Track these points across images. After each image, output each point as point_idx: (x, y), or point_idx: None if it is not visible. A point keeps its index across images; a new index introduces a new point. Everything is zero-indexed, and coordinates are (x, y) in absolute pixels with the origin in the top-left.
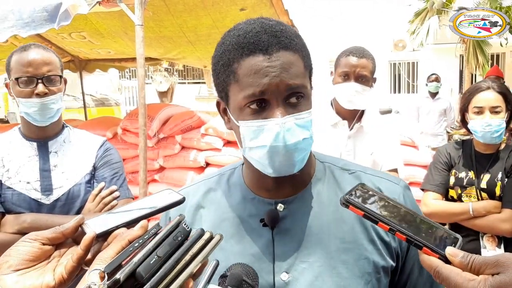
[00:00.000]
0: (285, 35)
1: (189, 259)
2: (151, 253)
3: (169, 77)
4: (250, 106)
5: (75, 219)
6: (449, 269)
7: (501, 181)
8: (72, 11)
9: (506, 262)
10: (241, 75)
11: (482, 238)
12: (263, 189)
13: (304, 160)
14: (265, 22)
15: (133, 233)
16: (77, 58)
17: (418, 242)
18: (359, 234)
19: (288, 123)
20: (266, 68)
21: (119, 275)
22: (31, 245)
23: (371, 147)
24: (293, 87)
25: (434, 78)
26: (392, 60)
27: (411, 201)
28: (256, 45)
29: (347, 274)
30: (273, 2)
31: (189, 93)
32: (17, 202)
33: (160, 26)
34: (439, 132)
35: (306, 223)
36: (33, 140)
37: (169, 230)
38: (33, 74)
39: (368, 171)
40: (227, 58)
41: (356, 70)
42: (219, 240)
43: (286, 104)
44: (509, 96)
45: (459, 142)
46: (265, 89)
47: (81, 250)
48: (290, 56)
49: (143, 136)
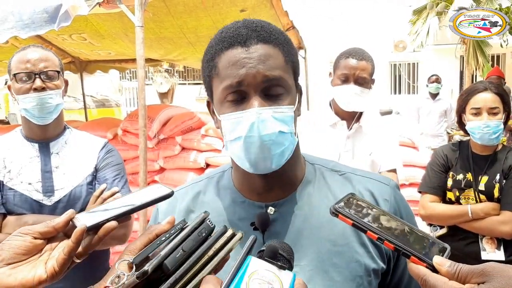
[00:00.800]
0: (265, 30)
1: (212, 254)
2: (177, 247)
3: (169, 78)
4: (229, 98)
5: (65, 213)
6: (436, 278)
7: (499, 182)
8: (72, 12)
9: (492, 271)
10: (221, 68)
11: (482, 241)
12: (252, 192)
13: (283, 156)
14: (248, 20)
15: (160, 227)
16: (78, 59)
17: (406, 251)
18: (351, 237)
19: (264, 114)
20: (243, 60)
21: (147, 266)
22: (22, 239)
23: (370, 147)
24: (270, 78)
25: (435, 79)
26: (393, 61)
27: (402, 201)
28: (235, 38)
29: (338, 277)
30: (273, 3)
31: (190, 94)
32: (18, 203)
33: (160, 27)
34: (439, 133)
35: (297, 226)
36: (35, 141)
37: (194, 226)
38: (30, 70)
39: (357, 172)
40: (210, 54)
41: (355, 72)
42: (241, 237)
43: (264, 96)
44: (506, 97)
45: (455, 144)
46: (242, 79)
47: (72, 243)
48: (269, 49)
49: (143, 137)
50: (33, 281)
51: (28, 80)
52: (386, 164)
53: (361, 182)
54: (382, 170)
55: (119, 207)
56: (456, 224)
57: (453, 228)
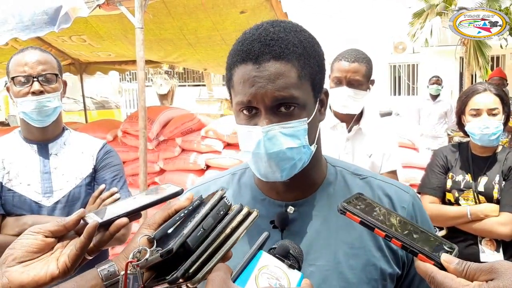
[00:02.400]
0: (280, 44)
1: (229, 232)
2: (198, 226)
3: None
4: (243, 111)
5: (76, 212)
6: (444, 275)
7: (498, 184)
8: (72, 14)
9: (500, 268)
10: (235, 82)
11: (481, 242)
12: (272, 191)
13: (294, 168)
14: (266, 28)
15: (179, 203)
16: (78, 61)
17: (414, 248)
18: (368, 241)
19: (272, 131)
20: (254, 78)
21: (172, 245)
22: (34, 237)
23: (370, 149)
24: (279, 99)
25: (435, 81)
26: (392, 62)
27: (420, 209)
28: (247, 54)
29: (354, 279)
30: (273, 5)
31: (190, 96)
32: (17, 204)
33: (160, 28)
34: (439, 134)
35: (315, 227)
36: (33, 142)
37: (213, 204)
38: (29, 73)
39: (378, 177)
40: (228, 63)
41: (347, 75)
42: (256, 216)
43: (275, 113)
44: (506, 98)
45: (455, 145)
46: (252, 98)
47: (84, 238)
48: (281, 67)
49: (143, 138)
50: (46, 277)
51: (26, 84)
52: (386, 166)
53: (381, 187)
54: (382, 171)
55: (129, 204)
56: (455, 225)
57: (453, 230)
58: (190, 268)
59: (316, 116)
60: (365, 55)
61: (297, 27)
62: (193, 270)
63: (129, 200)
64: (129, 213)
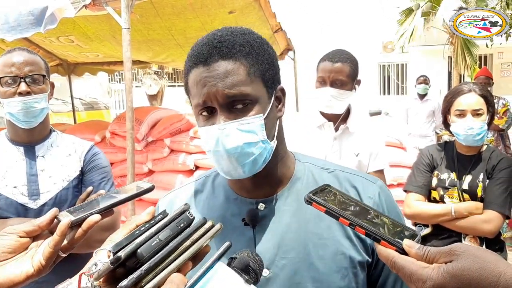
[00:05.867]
0: (227, 44)
1: (189, 244)
2: (153, 236)
3: (158, 80)
4: (202, 113)
5: (49, 211)
6: (405, 259)
7: (482, 182)
8: (59, 14)
9: (458, 250)
10: (190, 86)
11: (464, 239)
12: (242, 190)
13: (256, 163)
14: (214, 33)
15: (140, 218)
16: (66, 62)
17: (376, 235)
18: (336, 231)
19: (228, 128)
20: (205, 79)
21: (121, 253)
22: (8, 238)
23: (357, 148)
24: (230, 96)
25: (423, 80)
26: (381, 62)
27: (387, 199)
28: (197, 57)
29: (324, 269)
30: (262, 5)
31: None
32: (3, 206)
33: (148, 29)
34: (427, 134)
35: (285, 221)
36: (20, 144)
37: (173, 217)
38: (15, 74)
39: (346, 170)
40: (184, 70)
41: (330, 75)
42: (219, 229)
43: (230, 110)
44: (490, 99)
45: (441, 144)
46: (206, 98)
47: (57, 236)
48: (229, 65)
49: (131, 139)
50: (21, 276)
51: (13, 84)
52: (373, 165)
53: (348, 179)
54: (370, 170)
55: (101, 202)
56: (440, 223)
57: (438, 227)
58: (143, 278)
59: (273, 111)
60: (350, 55)
61: (245, 30)
62: (146, 280)
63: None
64: (101, 210)
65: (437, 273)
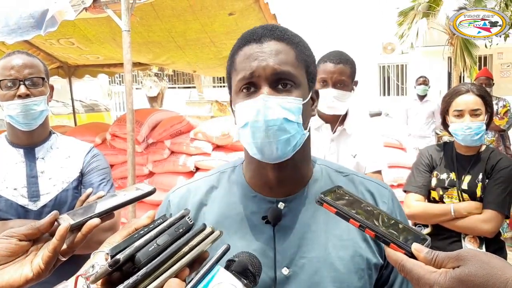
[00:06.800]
0: (280, 29)
1: (187, 250)
2: (151, 241)
3: (159, 82)
4: (243, 89)
5: (49, 214)
6: (413, 263)
7: (481, 182)
8: (59, 17)
9: (467, 256)
10: (237, 62)
11: (464, 239)
12: (264, 186)
13: (288, 143)
14: (266, 24)
15: (140, 221)
16: (66, 64)
17: (386, 238)
18: (355, 233)
19: (270, 101)
20: (256, 53)
21: (119, 256)
22: (8, 241)
23: (354, 149)
24: (279, 72)
25: (422, 81)
26: (381, 63)
27: (398, 205)
28: (251, 36)
29: (343, 269)
30: (261, 7)
31: (179, 98)
32: (4, 208)
33: (148, 31)
34: (427, 134)
35: (305, 221)
36: (20, 146)
37: (172, 222)
38: (15, 77)
39: (359, 175)
40: (231, 53)
41: (333, 76)
42: (219, 235)
43: (274, 88)
44: (488, 99)
45: (440, 144)
46: (254, 71)
47: (56, 240)
48: (281, 46)
49: (131, 141)
50: (20, 280)
51: (13, 87)
52: (371, 166)
53: (363, 183)
54: (367, 171)
55: (101, 205)
56: (440, 223)
57: (437, 227)
58: (140, 283)
59: (308, 105)
60: (348, 56)
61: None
62: (142, 286)
63: (101, 200)
64: (101, 214)
65: (444, 278)
